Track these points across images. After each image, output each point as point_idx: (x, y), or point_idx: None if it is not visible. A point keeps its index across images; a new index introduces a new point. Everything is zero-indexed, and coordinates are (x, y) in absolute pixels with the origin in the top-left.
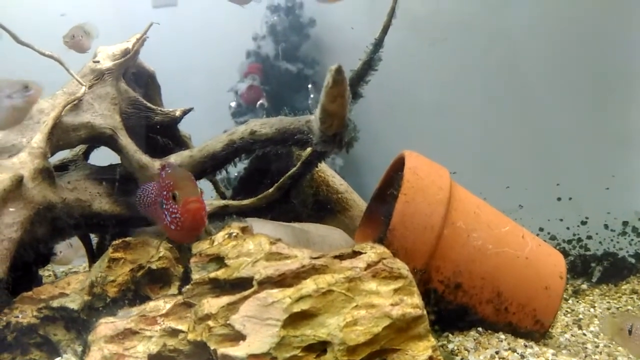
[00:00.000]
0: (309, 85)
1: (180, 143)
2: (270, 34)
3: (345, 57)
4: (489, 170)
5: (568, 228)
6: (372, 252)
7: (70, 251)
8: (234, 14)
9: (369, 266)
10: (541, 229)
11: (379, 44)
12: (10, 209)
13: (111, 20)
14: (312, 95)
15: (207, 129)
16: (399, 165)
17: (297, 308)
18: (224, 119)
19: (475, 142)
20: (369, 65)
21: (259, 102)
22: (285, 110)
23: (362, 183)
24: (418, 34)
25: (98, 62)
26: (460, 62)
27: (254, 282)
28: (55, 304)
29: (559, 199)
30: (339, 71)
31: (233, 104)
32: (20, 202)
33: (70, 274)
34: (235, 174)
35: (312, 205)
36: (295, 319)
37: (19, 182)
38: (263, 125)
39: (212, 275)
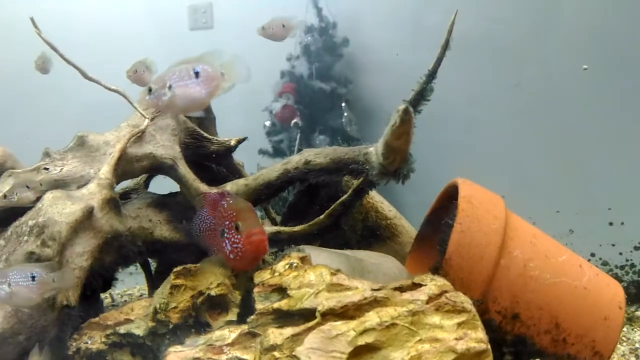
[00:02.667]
0: (342, 104)
1: (234, 171)
2: (304, 54)
3: (377, 76)
4: (538, 194)
5: (621, 253)
6: (433, 284)
7: None
8: None
9: (430, 299)
10: (593, 254)
11: (432, 75)
12: (81, 239)
13: (150, 42)
14: (345, 114)
15: (243, 147)
16: (450, 193)
17: (361, 341)
18: (258, 138)
19: (523, 165)
20: (422, 95)
21: (293, 121)
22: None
23: (398, 200)
24: (450, 52)
25: None
26: (502, 79)
27: (317, 314)
28: (122, 330)
29: (610, 223)
30: (406, 111)
31: (267, 123)
32: (90, 232)
33: (125, 297)
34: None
35: (361, 231)
36: (360, 352)
37: (89, 212)
38: (317, 155)
39: (276, 305)
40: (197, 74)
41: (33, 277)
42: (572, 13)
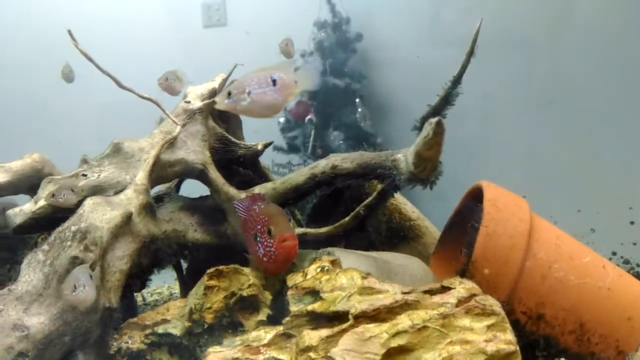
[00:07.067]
0: (356, 100)
1: (261, 174)
2: (317, 50)
3: (391, 71)
4: (559, 193)
5: None
6: (462, 287)
7: None
8: (282, 33)
9: (460, 302)
10: (614, 253)
11: (457, 80)
12: (121, 243)
13: (164, 39)
14: (359, 110)
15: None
16: (474, 194)
17: (394, 343)
18: (273, 134)
19: (544, 164)
20: (447, 100)
21: (307, 118)
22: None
23: (413, 193)
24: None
25: (189, 102)
26: (526, 76)
27: (350, 316)
28: (160, 330)
29: (632, 222)
30: (439, 124)
31: (282, 120)
32: (129, 237)
33: (155, 296)
34: None
35: (385, 232)
36: (393, 354)
37: (128, 218)
38: (344, 160)
39: (310, 308)
40: (274, 82)
41: (91, 277)
42: (589, 6)
